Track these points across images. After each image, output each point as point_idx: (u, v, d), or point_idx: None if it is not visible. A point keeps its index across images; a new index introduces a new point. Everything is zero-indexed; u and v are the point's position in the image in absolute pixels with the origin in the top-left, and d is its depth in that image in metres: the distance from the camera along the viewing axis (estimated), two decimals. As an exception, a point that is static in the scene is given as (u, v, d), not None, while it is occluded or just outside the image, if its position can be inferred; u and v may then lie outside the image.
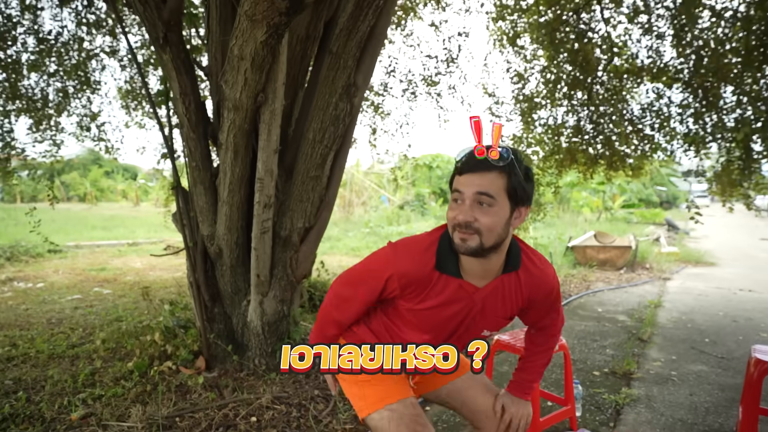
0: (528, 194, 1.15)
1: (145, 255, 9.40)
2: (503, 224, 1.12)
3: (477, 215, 1.10)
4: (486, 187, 1.09)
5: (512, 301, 1.27)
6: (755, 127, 4.37)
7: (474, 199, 1.10)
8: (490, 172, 1.09)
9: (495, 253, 1.17)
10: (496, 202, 1.10)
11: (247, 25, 1.78)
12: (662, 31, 5.08)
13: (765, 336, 4.11)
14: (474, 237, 1.10)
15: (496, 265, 1.21)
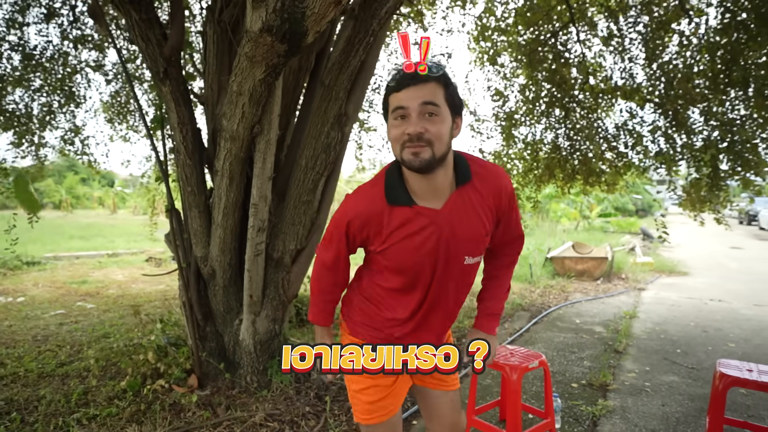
0: (461, 104, 1.18)
1: (126, 266, 9.32)
2: (448, 133, 1.13)
3: (426, 125, 1.09)
4: (430, 96, 1.09)
5: (481, 214, 1.23)
6: (721, 147, 4.63)
7: (420, 111, 1.09)
8: (429, 83, 1.10)
9: (441, 168, 1.16)
10: (440, 111, 1.10)
11: (247, 65, 1.89)
12: (634, 54, 5.34)
13: (732, 346, 4.33)
14: (426, 149, 1.09)
15: (445, 181, 1.19)
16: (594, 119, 5.81)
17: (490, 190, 1.23)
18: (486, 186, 1.23)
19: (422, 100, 1.09)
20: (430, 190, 1.18)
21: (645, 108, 5.29)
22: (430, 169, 1.12)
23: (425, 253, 1.21)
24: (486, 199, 1.23)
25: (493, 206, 1.25)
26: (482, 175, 1.24)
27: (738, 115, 4.59)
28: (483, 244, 1.27)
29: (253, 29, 1.73)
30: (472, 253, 1.26)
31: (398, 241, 1.21)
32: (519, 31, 5.84)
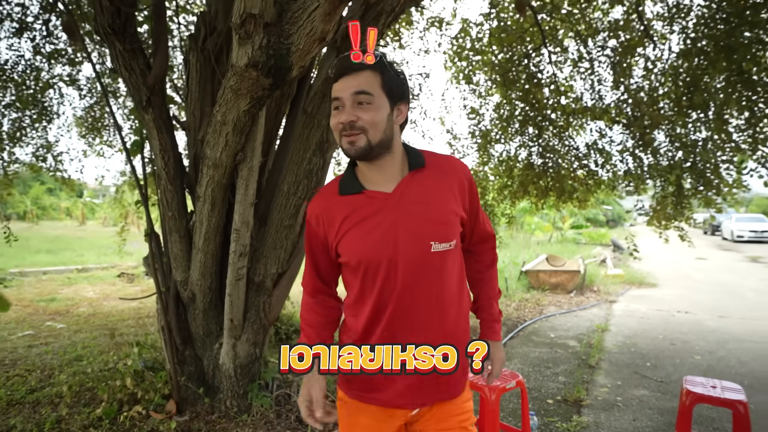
0: (404, 91, 1.16)
1: (97, 282, 9.09)
2: (386, 120, 1.12)
3: (358, 114, 1.10)
4: (362, 85, 1.09)
5: (441, 194, 1.19)
6: (685, 167, 4.85)
7: (353, 101, 1.10)
8: (362, 72, 1.10)
9: (388, 155, 1.16)
10: (374, 99, 1.10)
11: (232, 97, 1.92)
12: (603, 76, 5.56)
13: (698, 359, 4.50)
14: (360, 137, 1.10)
15: (395, 167, 1.19)
16: (566, 138, 6.01)
17: (446, 172, 1.21)
18: (442, 169, 1.22)
19: (354, 90, 1.09)
20: (380, 175, 1.18)
21: (614, 128, 5.50)
22: (367, 156, 1.13)
23: (379, 237, 1.15)
24: (445, 180, 1.20)
25: (456, 188, 1.21)
26: (436, 160, 1.23)
27: (700, 137, 4.82)
28: (451, 226, 1.18)
29: (239, 64, 1.77)
30: (439, 237, 1.16)
31: (350, 228, 1.18)
32: (493, 51, 6.01)
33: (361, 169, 1.20)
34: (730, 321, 6.08)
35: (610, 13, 5.46)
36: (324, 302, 1.33)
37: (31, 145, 5.63)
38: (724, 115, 4.60)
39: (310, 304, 1.33)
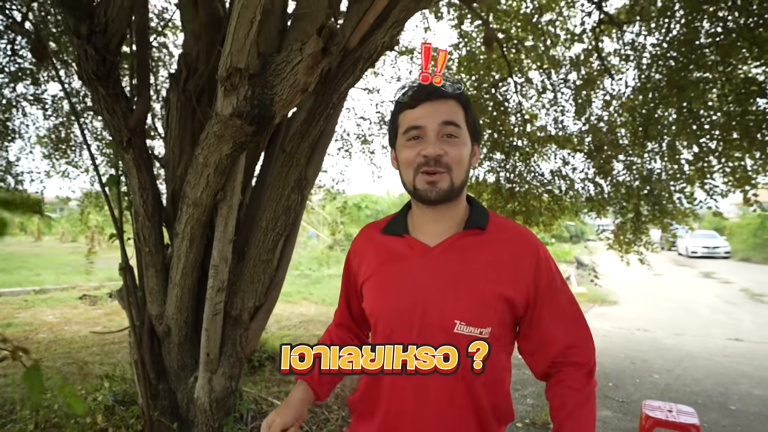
0: (479, 130, 1.04)
1: (57, 305, 8.74)
2: (468, 160, 0.99)
3: (445, 148, 0.94)
4: (451, 115, 0.95)
5: (491, 270, 0.97)
6: (642, 195, 5.13)
7: (439, 131, 0.95)
8: (449, 100, 0.97)
9: (456, 203, 1.01)
10: (461, 133, 0.97)
11: (215, 141, 1.98)
12: (565, 107, 5.84)
13: (657, 377, 4.73)
14: (444, 176, 0.94)
15: (452, 219, 1.01)
16: (531, 164, 6.26)
17: (510, 245, 1.00)
18: (505, 239, 1.00)
19: (442, 119, 0.94)
20: (432, 224, 1.01)
21: (576, 156, 5.78)
22: (446, 200, 0.97)
23: (401, 293, 0.99)
24: (503, 253, 0.99)
25: (516, 267, 0.97)
26: (502, 228, 1.02)
27: (655, 167, 5.13)
28: (488, 309, 0.95)
29: (223, 113, 1.84)
30: (468, 319, 0.94)
31: (376, 272, 1.04)
32: (462, 78, 6.23)
33: (414, 210, 1.05)
34: (685, 338, 6.40)
35: (571, 48, 5.77)
36: (345, 335, 1.20)
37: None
38: (676, 147, 4.92)
39: (331, 331, 1.22)
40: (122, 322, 7.37)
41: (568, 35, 5.67)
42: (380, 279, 1.04)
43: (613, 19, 5.08)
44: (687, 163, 4.82)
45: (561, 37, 5.68)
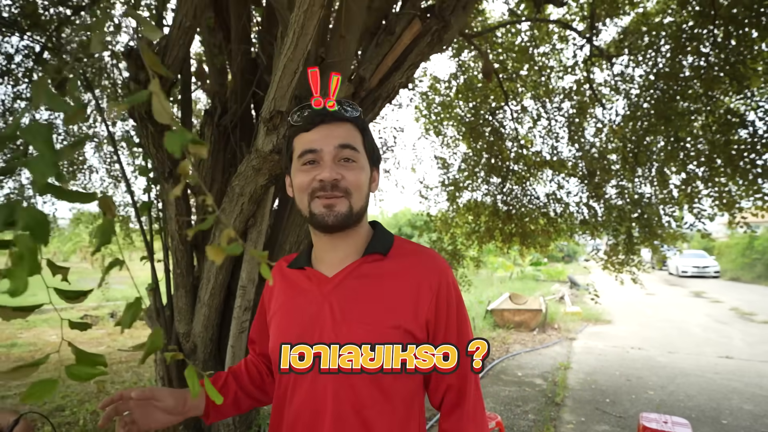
0: (379, 155, 1.01)
1: (57, 325, 8.79)
2: (367, 185, 0.95)
3: (342, 172, 0.90)
4: (348, 138, 0.91)
5: (390, 299, 0.91)
6: (633, 218, 5.39)
7: (335, 155, 0.90)
8: (346, 123, 0.93)
9: (355, 230, 0.96)
10: (360, 157, 0.92)
11: (252, 174, 2.19)
12: (559, 134, 6.14)
13: (651, 394, 4.91)
14: (342, 201, 0.90)
15: (353, 246, 0.96)
16: (527, 186, 6.52)
17: (412, 270, 0.94)
18: (407, 264, 0.94)
19: (339, 142, 0.90)
20: (332, 252, 0.96)
21: (570, 181, 6.06)
22: (344, 226, 0.92)
23: (298, 328, 0.94)
24: (404, 279, 0.93)
25: (416, 294, 0.92)
26: (406, 252, 0.97)
27: (645, 192, 5.41)
28: (384, 339, 0.89)
29: (263, 149, 2.05)
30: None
31: (279, 307, 1.00)
32: (460, 105, 6.54)
33: (313, 240, 1.00)
34: (679, 356, 6.59)
35: (564, 78, 6.10)
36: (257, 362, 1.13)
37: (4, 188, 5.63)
38: (665, 173, 5.20)
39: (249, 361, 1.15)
40: (125, 342, 7.45)
41: (561, 67, 6.00)
42: (282, 315, 0.99)
43: (603, 52, 5.40)
44: (675, 187, 5.10)
45: (554, 68, 6.01)
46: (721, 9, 4.38)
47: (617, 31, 5.61)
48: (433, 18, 2.54)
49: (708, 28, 4.51)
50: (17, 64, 5.36)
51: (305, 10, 1.67)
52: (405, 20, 2.48)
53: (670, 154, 5.08)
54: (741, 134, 4.47)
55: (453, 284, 0.97)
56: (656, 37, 5.04)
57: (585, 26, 5.54)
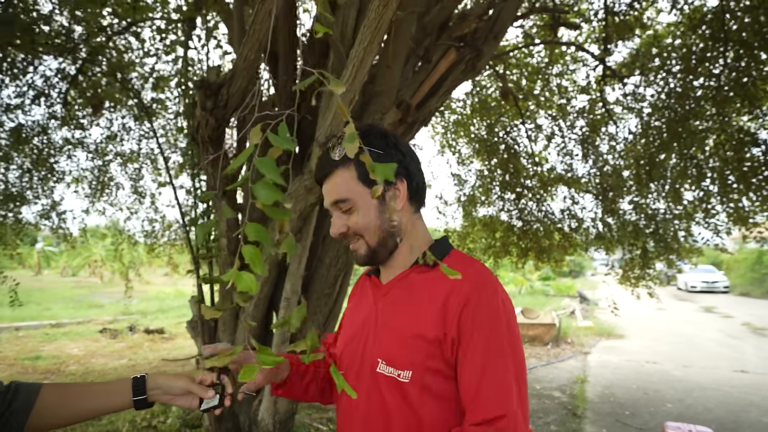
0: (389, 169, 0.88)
1: (78, 338, 8.92)
2: (376, 213, 0.98)
3: (346, 222, 0.99)
4: (336, 193, 0.99)
5: (420, 310, 0.95)
6: (648, 233, 5.52)
7: (336, 209, 1.00)
8: (333, 174, 0.99)
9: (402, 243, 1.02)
10: (355, 201, 0.98)
11: (304, 193, 2.36)
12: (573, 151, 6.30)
13: (670, 406, 4.99)
14: (360, 243, 0.99)
15: (402, 258, 1.03)
16: (542, 202, 6.66)
17: (444, 287, 0.94)
18: (445, 280, 0.93)
19: (331, 200, 1.00)
20: (391, 261, 1.04)
21: (585, 196, 6.20)
22: (374, 261, 1.02)
23: (354, 330, 1.06)
24: (435, 290, 0.95)
25: (443, 304, 0.92)
26: (455, 266, 0.94)
27: (660, 207, 5.54)
28: (408, 351, 0.93)
29: (317, 171, 2.22)
30: (388, 359, 0.95)
31: (348, 310, 1.13)
32: (474, 123, 6.72)
33: None
34: (694, 370, 6.65)
35: (577, 98, 6.27)
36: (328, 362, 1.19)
37: (38, 204, 5.83)
38: (678, 189, 5.34)
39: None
40: (146, 354, 7.58)
41: (574, 87, 6.19)
42: (346, 317, 1.12)
43: (616, 73, 5.59)
44: (689, 203, 5.23)
45: (567, 88, 6.20)
46: (731, 32, 4.57)
47: (628, 52, 5.80)
48: (466, 47, 2.72)
49: (719, 50, 4.68)
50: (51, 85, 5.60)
51: (365, 47, 1.85)
52: (441, 49, 2.66)
53: (684, 171, 5.22)
54: (753, 152, 4.62)
55: (487, 303, 0.91)
56: (667, 59, 5.22)
57: (598, 47, 5.74)
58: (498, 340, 0.90)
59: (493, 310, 0.91)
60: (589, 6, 5.70)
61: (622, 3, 5.38)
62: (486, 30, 2.76)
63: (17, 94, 5.12)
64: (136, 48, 5.34)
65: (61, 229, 6.06)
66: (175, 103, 5.67)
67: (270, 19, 1.99)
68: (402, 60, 2.47)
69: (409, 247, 1.02)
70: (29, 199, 5.64)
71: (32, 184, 5.65)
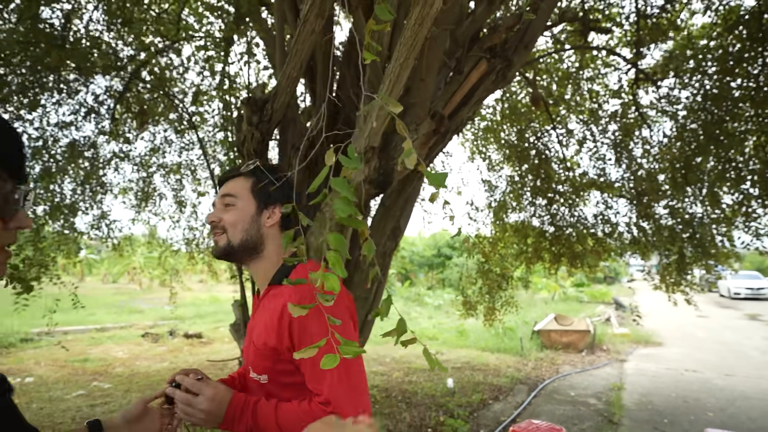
0: (278, 194, 1.18)
1: (122, 342, 9.33)
2: (248, 220, 1.15)
3: (221, 215, 1.15)
4: (230, 189, 1.18)
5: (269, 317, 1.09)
6: (685, 238, 5.42)
7: (221, 203, 1.17)
8: (236, 179, 1.20)
9: (258, 259, 1.17)
10: (238, 200, 1.16)
11: (343, 201, 2.48)
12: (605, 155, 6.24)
13: (711, 415, 4.87)
14: (222, 236, 1.15)
15: (266, 275, 1.17)
16: (574, 207, 6.62)
17: (283, 300, 1.06)
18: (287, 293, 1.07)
19: (222, 193, 1.19)
20: (256, 280, 1.21)
21: (618, 201, 6.13)
22: (228, 256, 1.16)
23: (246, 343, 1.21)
24: (278, 306, 1.07)
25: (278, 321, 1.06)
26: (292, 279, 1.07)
27: (697, 211, 5.43)
28: (264, 360, 1.09)
29: (356, 180, 2.34)
30: (254, 365, 1.12)
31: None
32: (504, 129, 6.75)
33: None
34: (737, 379, 6.45)
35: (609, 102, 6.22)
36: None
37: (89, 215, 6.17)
38: (716, 192, 5.23)
39: None
40: (186, 358, 7.86)
41: (606, 91, 6.15)
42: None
43: (649, 76, 5.53)
44: (728, 207, 5.12)
45: (599, 92, 6.16)
46: (769, 32, 4.48)
47: (662, 55, 5.74)
48: (497, 58, 2.80)
49: (757, 50, 4.60)
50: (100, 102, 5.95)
51: (401, 63, 1.96)
52: (473, 60, 2.75)
53: (721, 174, 5.12)
54: (795, 154, 4.50)
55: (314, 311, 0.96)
56: (702, 60, 5.14)
57: (630, 51, 5.70)
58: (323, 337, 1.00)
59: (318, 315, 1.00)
60: (620, 10, 5.67)
61: (654, 6, 5.35)
62: (516, 40, 2.83)
63: (71, 111, 5.48)
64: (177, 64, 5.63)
65: (110, 238, 6.39)
66: (213, 116, 5.93)
67: (311, 39, 2.12)
68: (435, 72, 2.57)
69: (272, 265, 1.17)
70: (81, 209, 5.98)
71: (84, 196, 6.00)
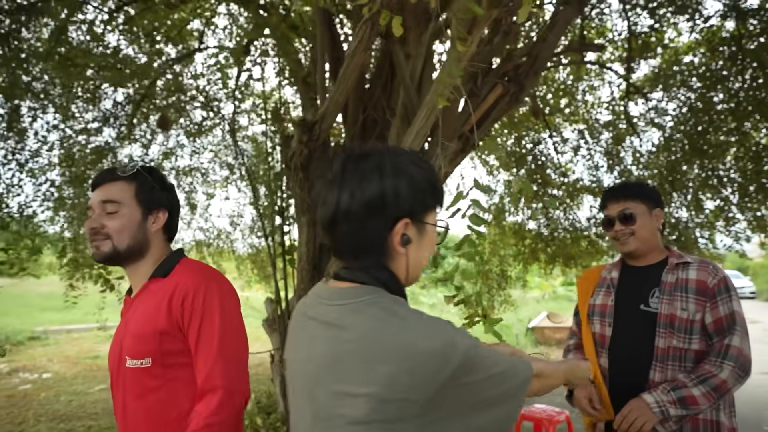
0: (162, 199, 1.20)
1: (127, 341, 9.47)
2: (135, 227, 1.16)
3: (104, 221, 1.14)
4: (110, 195, 1.15)
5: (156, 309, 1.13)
6: (671, 241, 5.84)
7: (101, 209, 1.15)
8: (115, 183, 1.17)
9: (141, 261, 1.20)
10: (122, 207, 1.15)
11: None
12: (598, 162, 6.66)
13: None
14: (106, 242, 1.14)
15: (146, 273, 1.20)
16: (568, 210, 7.01)
17: (170, 288, 1.14)
18: (173, 280, 1.16)
19: (101, 199, 1.16)
20: (134, 280, 1.22)
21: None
22: (113, 261, 1.18)
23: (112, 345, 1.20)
24: (165, 290, 1.14)
25: (167, 305, 1.11)
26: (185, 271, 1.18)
27: (682, 215, 5.86)
28: (146, 344, 1.11)
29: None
30: (132, 353, 1.12)
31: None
32: (503, 132, 7.12)
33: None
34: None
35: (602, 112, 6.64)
36: None
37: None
38: (700, 198, 5.66)
39: None
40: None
41: (598, 102, 6.56)
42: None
43: (638, 89, 5.94)
44: (710, 212, 5.55)
45: (593, 103, 6.57)
46: (748, 52, 4.90)
47: (650, 70, 6.16)
48: (511, 82, 3.16)
49: (737, 68, 5.01)
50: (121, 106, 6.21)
51: (438, 94, 2.30)
52: (489, 85, 3.11)
53: (705, 181, 5.54)
54: (772, 164, 4.93)
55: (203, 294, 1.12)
56: (688, 76, 5.56)
57: (621, 65, 6.11)
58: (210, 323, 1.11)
59: (208, 299, 1.12)
60: (614, 28, 6.07)
61: (644, 25, 5.76)
62: (527, 66, 3.18)
63: (94, 119, 5.73)
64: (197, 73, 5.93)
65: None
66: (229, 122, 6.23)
67: (358, 70, 2.46)
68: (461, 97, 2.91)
69: (154, 263, 1.21)
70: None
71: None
